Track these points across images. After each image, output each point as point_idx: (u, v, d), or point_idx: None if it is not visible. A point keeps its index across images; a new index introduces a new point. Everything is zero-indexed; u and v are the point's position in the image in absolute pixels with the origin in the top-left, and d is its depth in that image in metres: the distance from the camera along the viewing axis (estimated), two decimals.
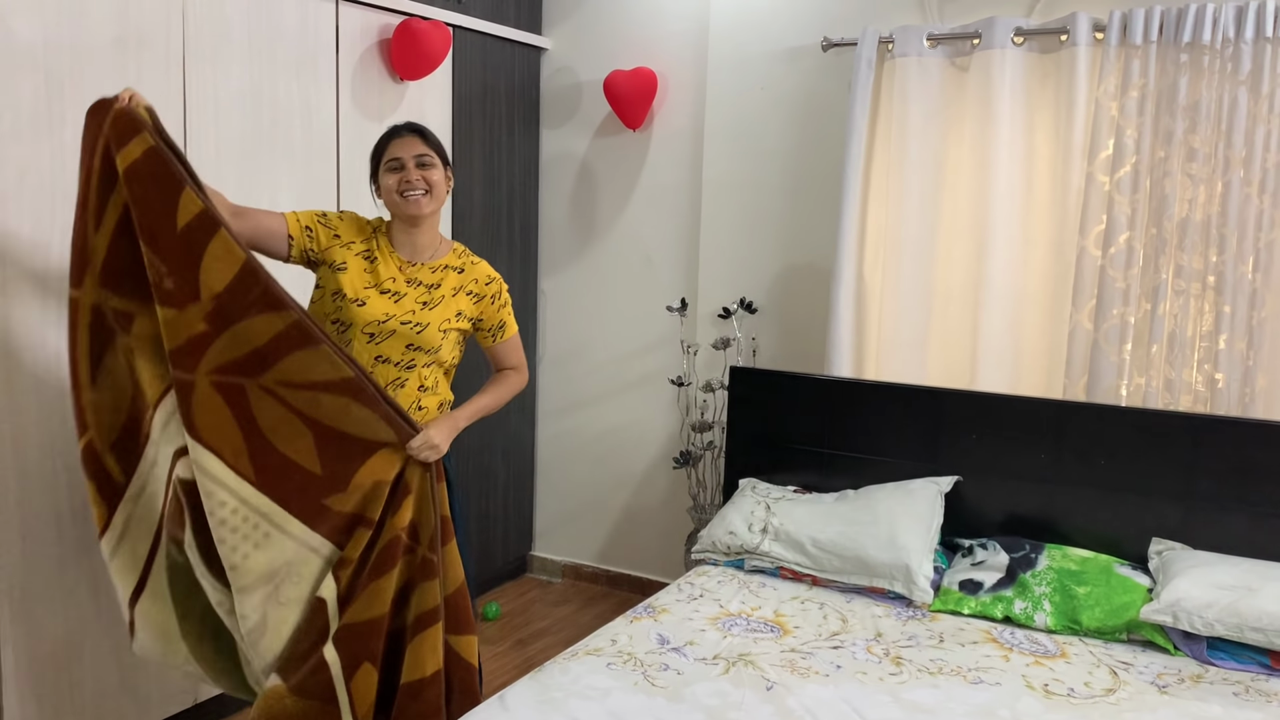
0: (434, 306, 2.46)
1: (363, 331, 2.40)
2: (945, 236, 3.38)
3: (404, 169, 2.41)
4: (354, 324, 2.40)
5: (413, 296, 2.44)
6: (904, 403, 3.22)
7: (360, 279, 2.41)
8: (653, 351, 4.10)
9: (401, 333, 2.42)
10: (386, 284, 2.43)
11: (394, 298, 2.42)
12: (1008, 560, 2.88)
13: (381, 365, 2.43)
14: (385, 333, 2.41)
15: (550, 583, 4.37)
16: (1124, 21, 3.06)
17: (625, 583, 4.25)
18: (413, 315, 2.43)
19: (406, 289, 2.44)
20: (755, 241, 3.84)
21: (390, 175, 2.42)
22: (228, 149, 2.93)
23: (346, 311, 2.40)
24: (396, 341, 2.42)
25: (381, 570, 2.26)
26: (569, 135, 4.20)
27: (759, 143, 3.80)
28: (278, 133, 3.07)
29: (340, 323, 2.42)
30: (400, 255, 2.47)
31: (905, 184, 3.37)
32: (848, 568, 2.91)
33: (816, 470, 3.33)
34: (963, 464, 3.13)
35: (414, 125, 2.46)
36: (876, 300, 3.48)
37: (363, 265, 2.43)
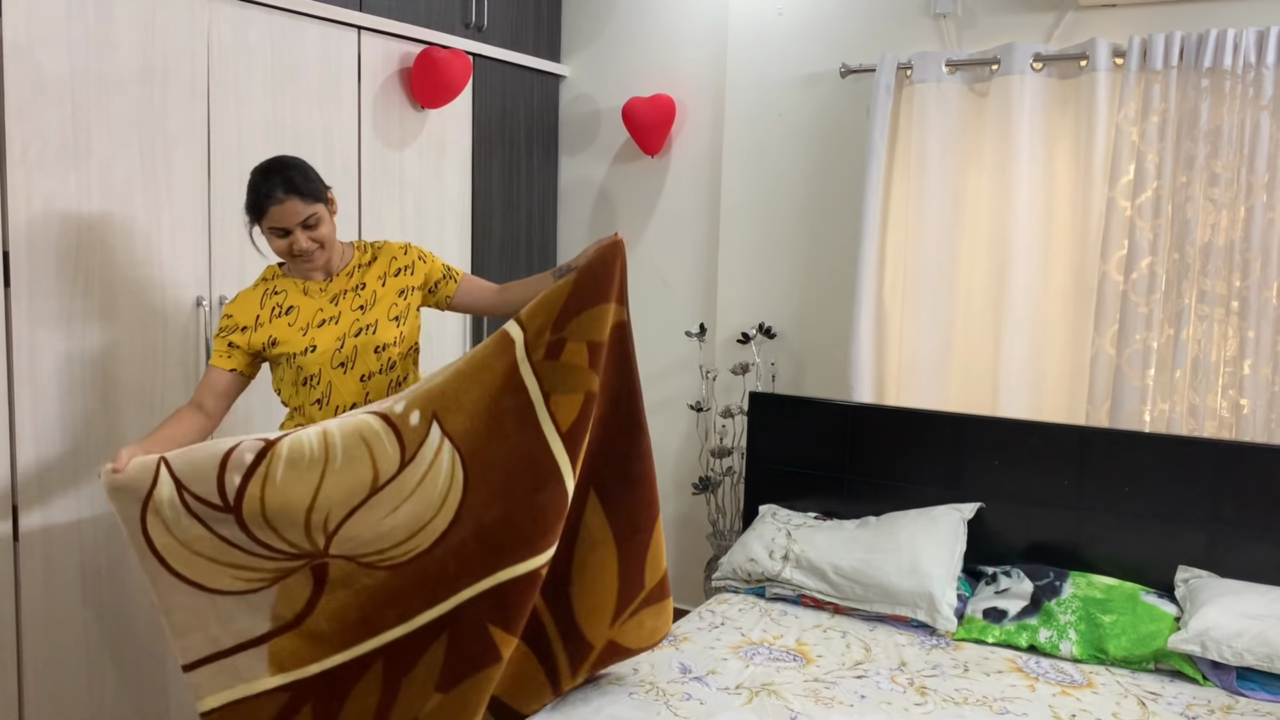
0: (371, 305, 2.41)
1: (333, 368, 2.36)
2: (965, 262, 3.37)
3: (291, 236, 2.29)
4: (322, 370, 2.36)
5: (347, 308, 2.39)
6: (925, 429, 3.20)
7: (294, 334, 2.35)
8: (671, 376, 4.09)
9: (361, 344, 2.37)
10: (317, 317, 2.37)
11: (333, 322, 2.38)
12: (1032, 588, 2.85)
13: (373, 382, 2.39)
14: (349, 355, 2.37)
15: None
16: (1144, 47, 3.05)
17: None
18: (358, 322, 2.38)
19: (336, 308, 2.39)
20: (774, 266, 3.84)
21: (277, 240, 2.30)
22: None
23: (307, 366, 2.35)
24: (364, 356, 2.38)
25: None
26: (588, 162, 4.21)
27: (777, 168, 3.80)
28: None
29: (311, 379, 2.36)
30: (312, 282, 2.41)
31: (924, 209, 3.37)
32: (870, 595, 2.88)
33: (837, 496, 3.31)
34: (985, 490, 3.10)
35: (286, 177, 2.24)
36: (897, 325, 3.47)
37: (285, 323, 2.36)
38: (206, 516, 2.00)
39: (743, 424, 3.77)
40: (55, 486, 2.58)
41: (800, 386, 3.79)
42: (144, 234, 2.71)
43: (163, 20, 2.70)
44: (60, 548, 2.60)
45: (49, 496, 2.57)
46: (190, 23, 2.76)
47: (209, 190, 2.84)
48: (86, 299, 2.60)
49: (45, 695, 2.58)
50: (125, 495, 2.00)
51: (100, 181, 2.60)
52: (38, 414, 2.53)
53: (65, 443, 2.59)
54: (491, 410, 2.11)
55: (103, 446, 2.66)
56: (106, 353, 2.65)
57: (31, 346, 2.51)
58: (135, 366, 2.72)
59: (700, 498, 3.97)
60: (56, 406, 2.56)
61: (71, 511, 2.62)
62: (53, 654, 2.59)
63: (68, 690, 2.62)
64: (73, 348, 2.58)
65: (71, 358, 2.58)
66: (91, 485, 2.65)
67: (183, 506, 1.98)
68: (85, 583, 2.66)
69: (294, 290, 2.39)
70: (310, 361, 2.35)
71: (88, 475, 2.64)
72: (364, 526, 2.03)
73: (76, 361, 2.59)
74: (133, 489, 1.98)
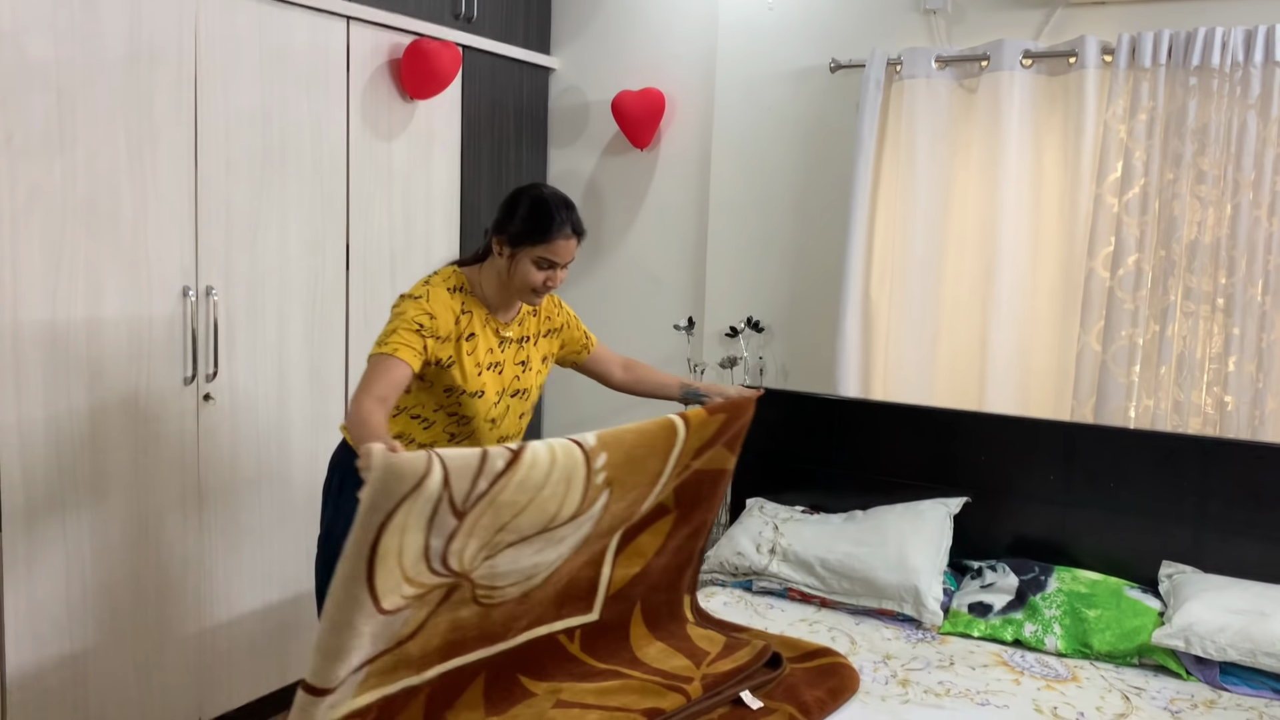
0: (528, 364, 2.38)
1: (485, 420, 2.31)
2: (953, 257, 3.37)
3: (553, 270, 2.24)
4: (475, 416, 2.29)
5: (510, 361, 2.34)
6: (912, 423, 3.20)
7: (471, 368, 2.26)
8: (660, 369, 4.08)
9: (513, 406, 2.35)
10: (488, 357, 2.30)
11: (497, 370, 2.31)
12: (1017, 582, 2.85)
13: (507, 440, 2.37)
14: (501, 414, 2.33)
15: None
16: (1133, 44, 3.05)
17: None
18: (517, 382, 2.36)
19: (503, 353, 2.33)
20: (762, 261, 3.83)
21: (535, 270, 2.23)
22: (237, 167, 2.93)
23: (466, 406, 2.27)
24: (510, 416, 2.35)
25: None
26: (577, 154, 4.19)
27: (766, 163, 3.79)
28: (288, 151, 3.07)
29: (459, 416, 2.29)
30: (495, 317, 2.32)
31: (913, 205, 3.36)
32: (857, 589, 2.88)
33: (824, 490, 3.31)
34: (971, 485, 3.11)
35: (578, 218, 2.26)
36: (884, 320, 3.47)
37: (467, 349, 2.26)
38: (437, 522, 1.74)
39: None
40: (39, 477, 2.56)
41: (788, 380, 3.79)
42: (130, 223, 2.68)
43: (150, 7, 2.67)
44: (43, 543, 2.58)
45: (32, 486, 2.55)
46: (178, 10, 2.73)
47: (196, 179, 2.82)
48: (71, 288, 2.57)
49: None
50: (394, 480, 1.65)
51: (85, 169, 2.58)
52: (21, 405, 2.51)
53: (49, 436, 2.56)
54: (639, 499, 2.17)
55: (87, 440, 2.64)
56: (91, 343, 2.63)
57: (15, 335, 2.48)
58: (120, 358, 2.69)
59: None
60: (41, 397, 2.54)
61: (55, 500, 2.60)
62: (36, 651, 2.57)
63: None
64: (57, 338, 2.55)
65: (55, 348, 2.56)
66: (76, 476, 2.62)
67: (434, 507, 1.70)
68: (70, 573, 2.63)
69: (478, 316, 2.28)
70: (473, 404, 2.26)
71: (71, 467, 2.61)
72: (509, 560, 1.91)
73: (60, 352, 2.56)
74: (405, 475, 1.65)
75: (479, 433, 2.31)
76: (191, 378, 2.85)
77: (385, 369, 2.07)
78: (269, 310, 3.05)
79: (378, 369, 2.07)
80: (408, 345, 2.11)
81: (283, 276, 3.09)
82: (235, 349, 2.96)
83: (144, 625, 2.82)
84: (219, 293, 2.90)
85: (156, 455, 2.78)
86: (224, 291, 2.92)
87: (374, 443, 1.63)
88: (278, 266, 3.08)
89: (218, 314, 2.90)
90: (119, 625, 2.75)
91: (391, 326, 2.15)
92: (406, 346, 2.11)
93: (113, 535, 2.71)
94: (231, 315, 2.95)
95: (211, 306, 2.89)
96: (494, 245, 2.26)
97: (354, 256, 3.32)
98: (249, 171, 2.96)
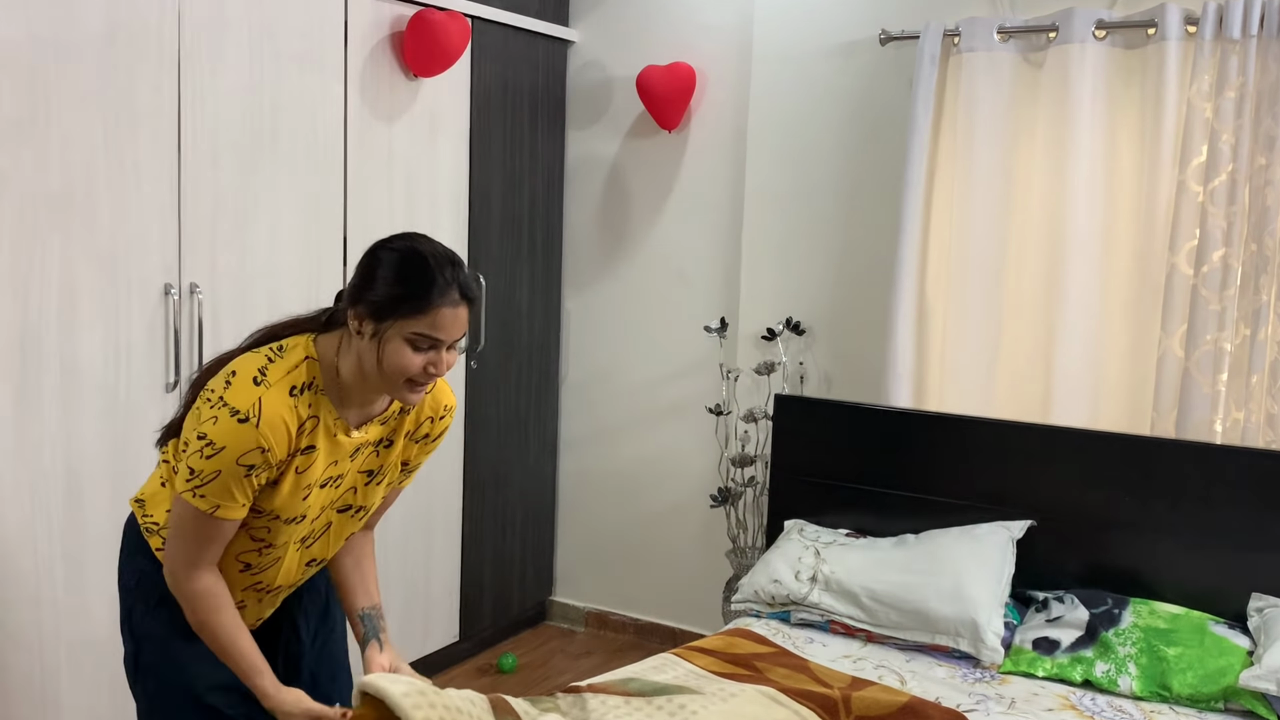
0: (380, 478, 2.05)
1: (294, 543, 2.02)
2: (1016, 252, 3.35)
3: (436, 351, 1.86)
4: (284, 542, 1.99)
5: (355, 469, 2.01)
6: (970, 437, 3.19)
7: (295, 490, 1.91)
8: (688, 376, 4.09)
9: (337, 525, 2.05)
10: (325, 473, 1.95)
11: (334, 484, 1.98)
12: (1088, 616, 2.84)
13: (314, 568, 2.10)
14: (319, 532, 2.04)
15: (572, 632, 4.36)
16: (1220, 13, 3.03)
17: (655, 633, 4.23)
18: (353, 496, 2.04)
19: (349, 464, 1.99)
20: (804, 255, 3.83)
21: (410, 353, 1.84)
22: (225, 154, 2.96)
23: (275, 532, 1.96)
24: (333, 537, 2.07)
25: None
26: (598, 137, 4.20)
27: (809, 146, 3.79)
28: (280, 135, 3.10)
29: (262, 542, 1.97)
30: (348, 420, 1.95)
31: (972, 193, 3.35)
32: (907, 622, 2.88)
33: (872, 511, 3.31)
34: (1036, 507, 3.09)
35: (466, 279, 1.88)
36: (940, 321, 3.46)
37: (298, 465, 1.90)
38: None
39: (767, 430, 3.76)
40: (7, 480, 2.60)
41: (832, 389, 3.79)
42: (107, 215, 2.72)
43: None
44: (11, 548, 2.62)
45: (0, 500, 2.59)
46: None
47: (179, 167, 2.85)
48: (44, 285, 2.61)
49: None
50: None
51: (60, 158, 2.61)
52: None
53: (19, 445, 2.60)
54: None
55: (60, 448, 2.67)
56: (66, 344, 2.66)
57: None
58: (97, 359, 2.73)
59: (719, 511, 3.96)
60: (10, 403, 2.57)
61: (25, 507, 2.63)
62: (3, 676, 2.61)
63: None
64: (28, 338, 2.59)
65: (27, 349, 2.59)
66: (48, 489, 2.66)
67: None
68: (40, 587, 2.67)
69: (324, 421, 1.91)
70: (285, 530, 1.96)
71: (44, 478, 2.65)
72: None
73: (32, 355, 2.60)
74: None
75: (284, 561, 2.02)
76: (174, 384, 2.88)
77: (209, 533, 1.85)
78: (259, 310, 3.08)
79: (200, 532, 1.85)
80: (232, 501, 1.84)
81: (274, 273, 3.13)
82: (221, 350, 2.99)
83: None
84: (204, 291, 2.94)
85: (136, 467, 2.81)
86: (210, 289, 2.96)
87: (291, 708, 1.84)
88: (269, 262, 3.11)
89: (202, 314, 2.93)
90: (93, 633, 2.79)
91: (208, 467, 1.80)
92: (231, 503, 1.84)
93: (88, 551, 2.75)
94: (218, 315, 2.98)
95: (196, 306, 2.92)
96: (351, 321, 1.86)
97: (352, 250, 3.35)
98: (237, 159, 2.99)
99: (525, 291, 4.11)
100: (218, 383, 1.87)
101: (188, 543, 1.87)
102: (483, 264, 3.83)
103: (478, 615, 4.03)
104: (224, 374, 1.88)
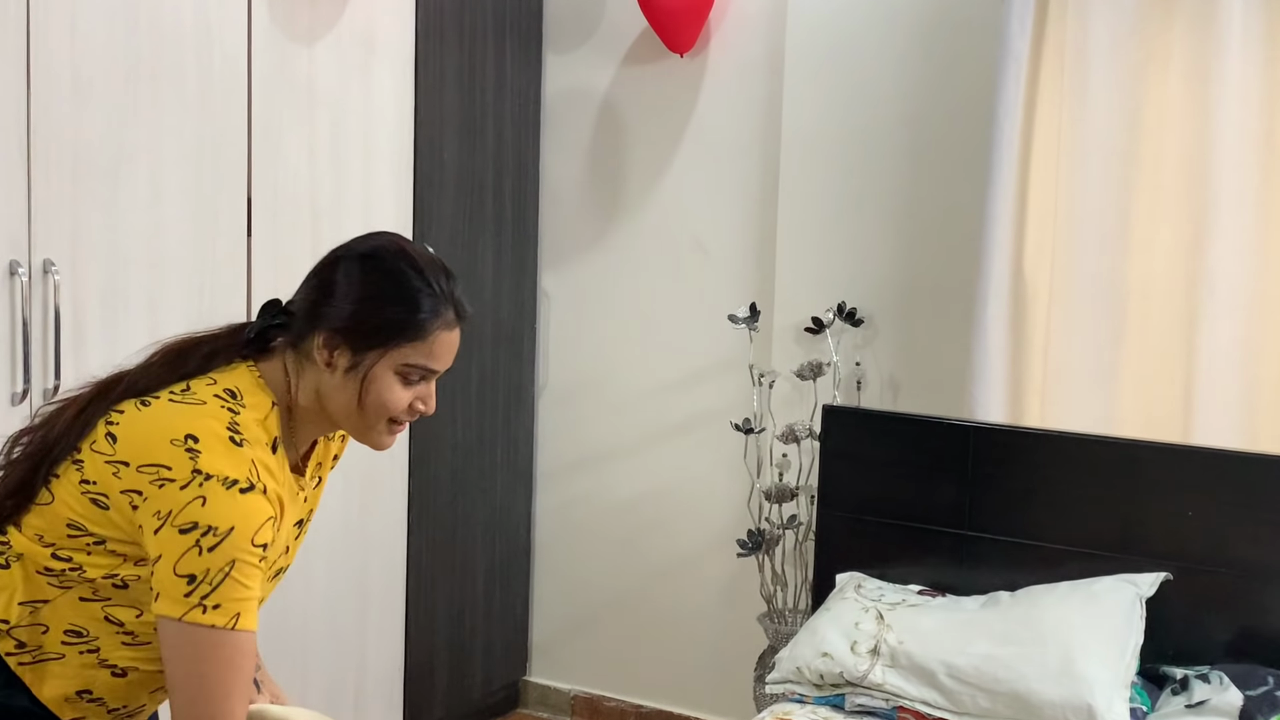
0: (307, 526, 2.13)
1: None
2: (1144, 218, 3.36)
3: (426, 384, 1.98)
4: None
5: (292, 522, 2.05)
6: (1084, 461, 3.19)
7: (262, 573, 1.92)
8: (709, 381, 4.10)
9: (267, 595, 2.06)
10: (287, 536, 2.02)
11: (285, 552, 2.06)
12: (1242, 700, 2.85)
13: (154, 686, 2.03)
14: None
15: None
16: None
17: None
18: (286, 558, 2.07)
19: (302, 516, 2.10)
20: (859, 223, 3.84)
21: (400, 388, 1.94)
22: (89, 91, 2.96)
23: None
24: None
25: None
26: (585, 63, 4.21)
27: (866, 77, 3.80)
28: (162, 65, 3.10)
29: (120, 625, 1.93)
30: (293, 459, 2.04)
31: (1085, 140, 3.36)
32: (1001, 709, 2.89)
33: (951, 561, 3.32)
34: (1172, 554, 3.10)
35: (461, 302, 1.99)
36: (1042, 311, 3.46)
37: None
38: None
39: (813, 453, 3.77)
40: None
41: (899, 398, 3.80)
42: None
43: None
44: None
45: None
46: None
47: (28, 107, 2.85)
48: None
49: None
50: None
51: None
52: None
53: None
54: None
55: None
56: None
57: None
58: None
59: (750, 561, 3.97)
60: None
61: None
62: None
63: None
64: None
65: None
66: None
67: None
68: None
69: (284, 478, 1.96)
70: None
71: None
72: None
73: None
74: None
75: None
76: (23, 394, 2.89)
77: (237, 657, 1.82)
78: (135, 294, 3.08)
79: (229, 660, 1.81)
80: (250, 601, 1.81)
81: (155, 246, 3.13)
82: (86, 349, 3.00)
83: None
84: (61, 270, 2.94)
85: None
86: (69, 268, 2.96)
87: None
88: (148, 231, 3.11)
89: (59, 300, 2.94)
90: None
91: (214, 563, 1.78)
92: (249, 605, 1.81)
93: None
94: (80, 302, 2.99)
95: (51, 289, 2.92)
96: (319, 352, 1.93)
97: (259, 216, 3.36)
98: (106, 96, 3.00)
99: (489, 271, 4.11)
100: (165, 455, 1.82)
101: (216, 692, 1.80)
102: (432, 235, 3.84)
103: (427, 704, 4.03)
104: (165, 441, 1.83)
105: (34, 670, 1.91)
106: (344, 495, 3.56)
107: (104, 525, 1.85)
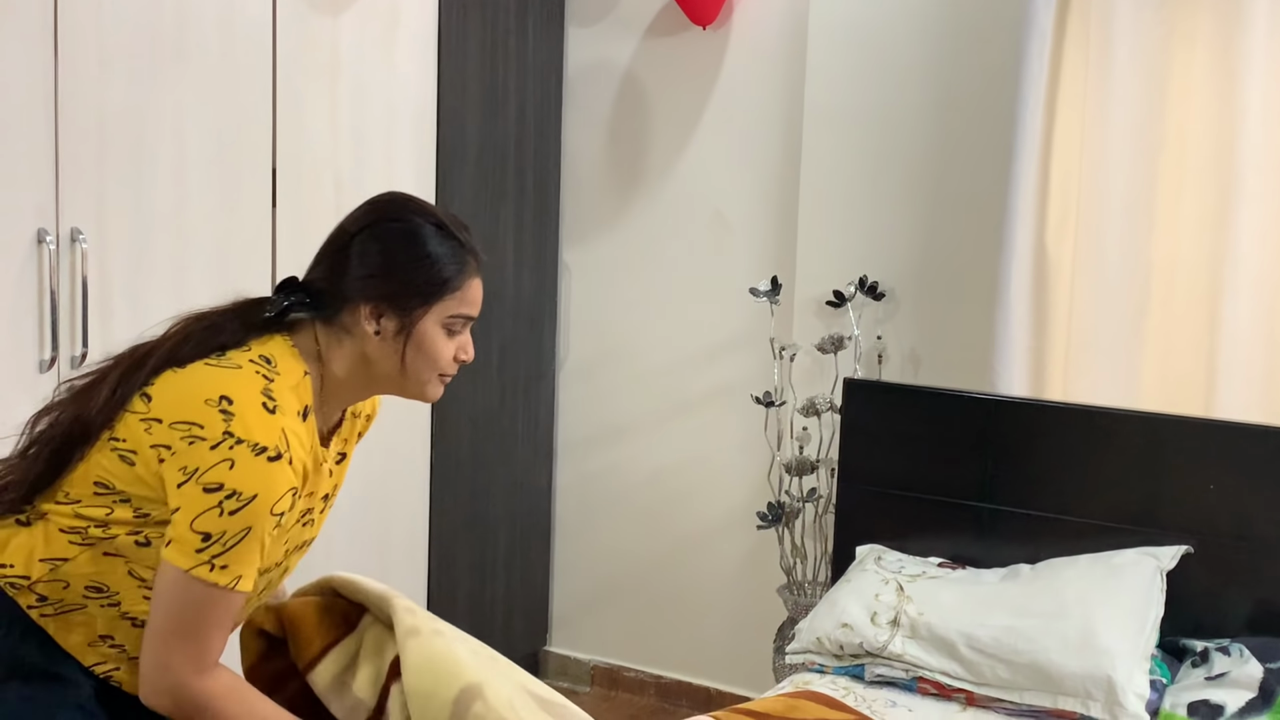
0: (332, 500, 2.19)
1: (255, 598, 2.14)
2: (1170, 189, 3.35)
3: (467, 332, 2.09)
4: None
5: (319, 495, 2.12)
6: (1105, 435, 3.20)
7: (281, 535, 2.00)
8: (730, 354, 4.10)
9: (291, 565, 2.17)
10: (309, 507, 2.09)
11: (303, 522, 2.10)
12: (1262, 672, 2.85)
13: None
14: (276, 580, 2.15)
15: (575, 692, 4.38)
16: None
17: (683, 695, 4.26)
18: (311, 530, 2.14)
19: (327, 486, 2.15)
20: (882, 195, 3.83)
21: (446, 338, 2.05)
22: (115, 62, 2.97)
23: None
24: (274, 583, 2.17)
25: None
26: (607, 35, 4.21)
27: (889, 50, 3.79)
28: (187, 38, 3.11)
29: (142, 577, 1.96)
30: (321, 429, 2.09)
31: (1110, 111, 3.35)
32: (1021, 680, 2.90)
33: (973, 534, 3.33)
34: (1194, 528, 3.11)
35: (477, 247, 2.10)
36: (1065, 283, 3.46)
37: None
38: None
39: (833, 426, 3.78)
40: None
41: (920, 372, 3.81)
42: None
43: None
44: None
45: None
46: None
47: (55, 80, 2.86)
48: None
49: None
50: None
51: None
52: None
53: None
54: None
55: None
56: None
57: None
58: None
59: (770, 533, 3.98)
60: None
61: None
62: None
63: None
64: None
65: None
66: None
67: None
68: None
69: (311, 445, 2.02)
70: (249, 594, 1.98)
71: None
72: None
73: None
74: None
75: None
76: (51, 361, 2.90)
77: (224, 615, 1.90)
78: (161, 263, 3.10)
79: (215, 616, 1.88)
80: (254, 565, 1.89)
81: (181, 215, 3.14)
82: (113, 317, 3.01)
83: None
84: (89, 239, 2.96)
85: None
86: (97, 237, 2.97)
87: None
88: (173, 201, 3.12)
89: (87, 269, 2.95)
90: None
91: (233, 526, 1.83)
92: (252, 570, 1.88)
93: None
94: (107, 270, 3.00)
95: (79, 258, 2.94)
96: (366, 322, 2.01)
97: (284, 186, 3.37)
98: (131, 69, 3.00)
99: (510, 244, 4.12)
100: (199, 414, 1.86)
101: (196, 637, 1.87)
102: (454, 208, 3.85)
103: None
104: (199, 401, 1.87)
105: (56, 620, 1.95)
106: (366, 467, 3.55)
107: (130, 482, 1.88)
